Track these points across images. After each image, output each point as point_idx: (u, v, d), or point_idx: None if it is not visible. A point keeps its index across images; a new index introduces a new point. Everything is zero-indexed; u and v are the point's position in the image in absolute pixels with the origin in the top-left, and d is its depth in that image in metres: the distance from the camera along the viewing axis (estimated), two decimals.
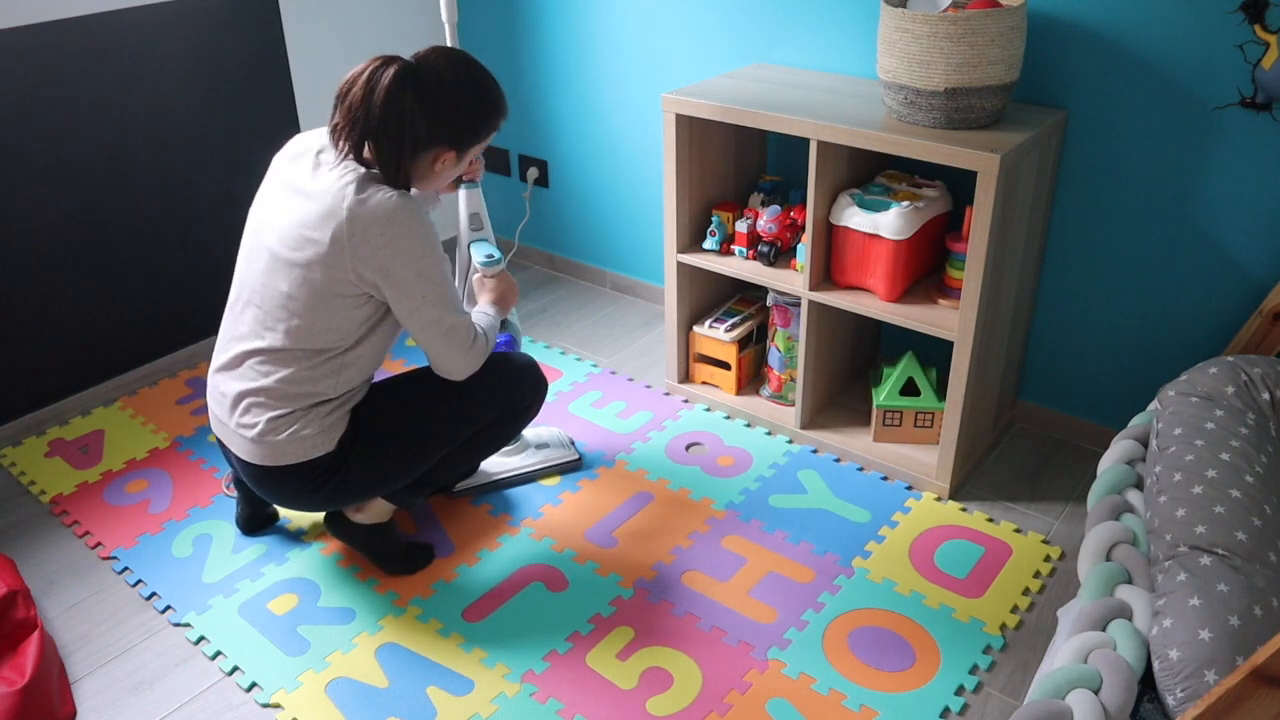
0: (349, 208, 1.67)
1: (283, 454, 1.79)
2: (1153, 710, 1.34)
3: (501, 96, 1.80)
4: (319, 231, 1.69)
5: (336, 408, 1.82)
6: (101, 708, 1.78)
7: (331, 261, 1.69)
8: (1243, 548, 1.42)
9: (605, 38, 2.85)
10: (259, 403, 1.78)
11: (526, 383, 2.01)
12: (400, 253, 1.69)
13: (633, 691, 1.77)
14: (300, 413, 1.78)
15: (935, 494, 2.24)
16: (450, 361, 1.83)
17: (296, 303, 1.73)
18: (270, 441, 1.78)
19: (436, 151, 1.74)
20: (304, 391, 1.77)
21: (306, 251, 1.71)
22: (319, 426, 1.79)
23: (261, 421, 1.78)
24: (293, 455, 1.79)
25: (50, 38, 2.33)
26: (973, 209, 1.94)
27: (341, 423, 1.83)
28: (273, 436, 1.78)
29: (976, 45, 1.90)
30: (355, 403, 1.86)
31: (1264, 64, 1.88)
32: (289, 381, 1.77)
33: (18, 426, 2.53)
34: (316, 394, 1.78)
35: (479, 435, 1.99)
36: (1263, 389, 1.73)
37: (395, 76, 1.66)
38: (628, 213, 3.06)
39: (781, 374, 2.48)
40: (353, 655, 1.86)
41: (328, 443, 1.81)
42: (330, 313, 1.74)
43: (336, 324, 1.75)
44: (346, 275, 1.70)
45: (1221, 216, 2.04)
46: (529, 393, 2.02)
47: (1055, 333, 2.36)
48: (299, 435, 1.78)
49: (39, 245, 2.45)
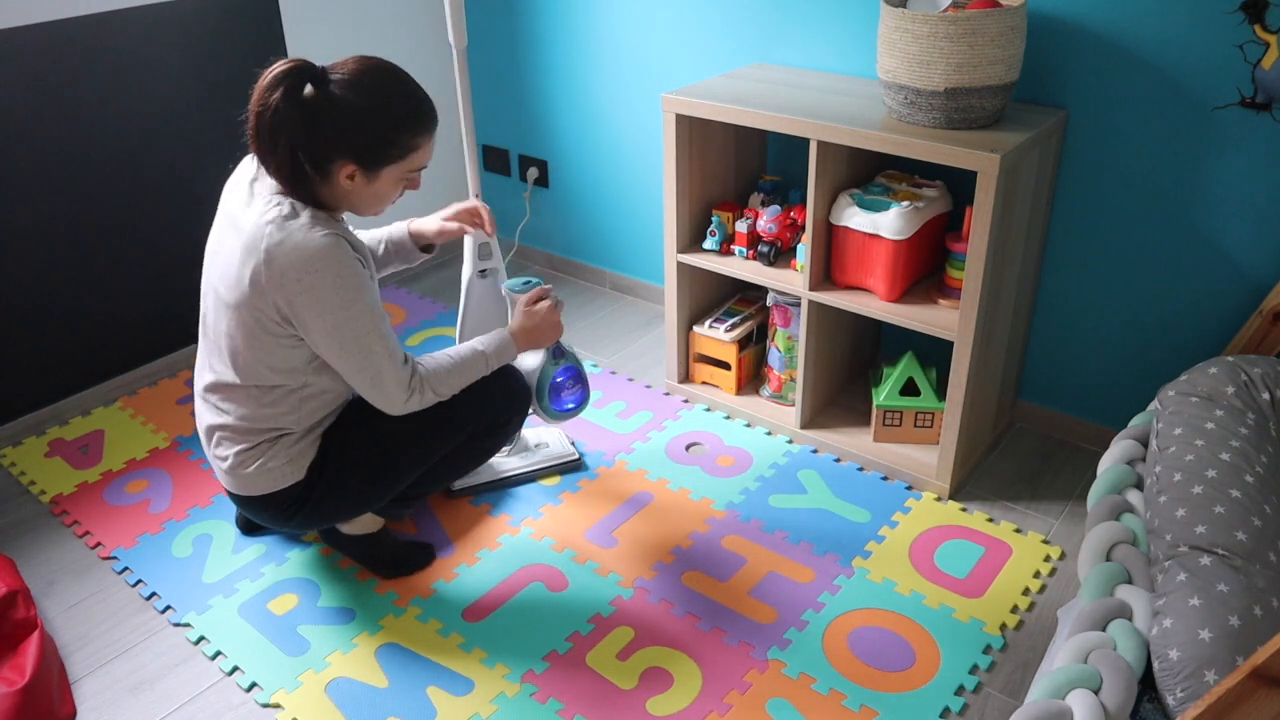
0: (266, 249, 1.60)
1: (253, 485, 1.79)
2: (1153, 710, 1.34)
3: (416, 110, 1.66)
4: (242, 270, 1.63)
5: (302, 437, 1.79)
6: (101, 708, 1.78)
7: (256, 303, 1.64)
8: (1243, 548, 1.42)
9: (605, 38, 2.85)
10: (226, 436, 1.78)
11: (505, 400, 1.95)
12: (316, 302, 1.62)
13: (633, 691, 1.77)
14: (266, 445, 1.77)
15: (935, 494, 2.24)
16: (383, 404, 1.75)
17: (236, 342, 1.70)
18: (240, 474, 1.78)
19: (339, 165, 1.63)
20: (266, 427, 1.75)
21: (235, 293, 1.66)
22: (285, 458, 1.78)
23: (231, 455, 1.78)
24: (263, 486, 1.79)
25: (50, 38, 2.33)
26: (973, 209, 1.94)
27: (311, 449, 1.80)
28: (241, 470, 1.78)
29: (976, 45, 1.90)
30: (326, 428, 1.82)
31: (1264, 64, 1.88)
32: (248, 419, 1.75)
33: (18, 426, 2.53)
34: (280, 428, 1.76)
35: (458, 451, 1.94)
36: (1263, 389, 1.73)
37: (284, 90, 1.56)
38: (628, 213, 3.06)
39: (781, 374, 2.48)
40: (353, 655, 1.86)
41: (296, 472, 1.79)
42: (268, 352, 1.69)
43: (279, 364, 1.70)
44: (271, 315, 1.65)
45: (1221, 216, 2.04)
46: (506, 409, 1.96)
47: (1055, 333, 2.36)
48: (266, 468, 1.77)
49: (39, 245, 2.45)
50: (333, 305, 1.63)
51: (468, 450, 1.96)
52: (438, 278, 3.31)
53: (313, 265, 1.60)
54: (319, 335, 1.66)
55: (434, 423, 1.85)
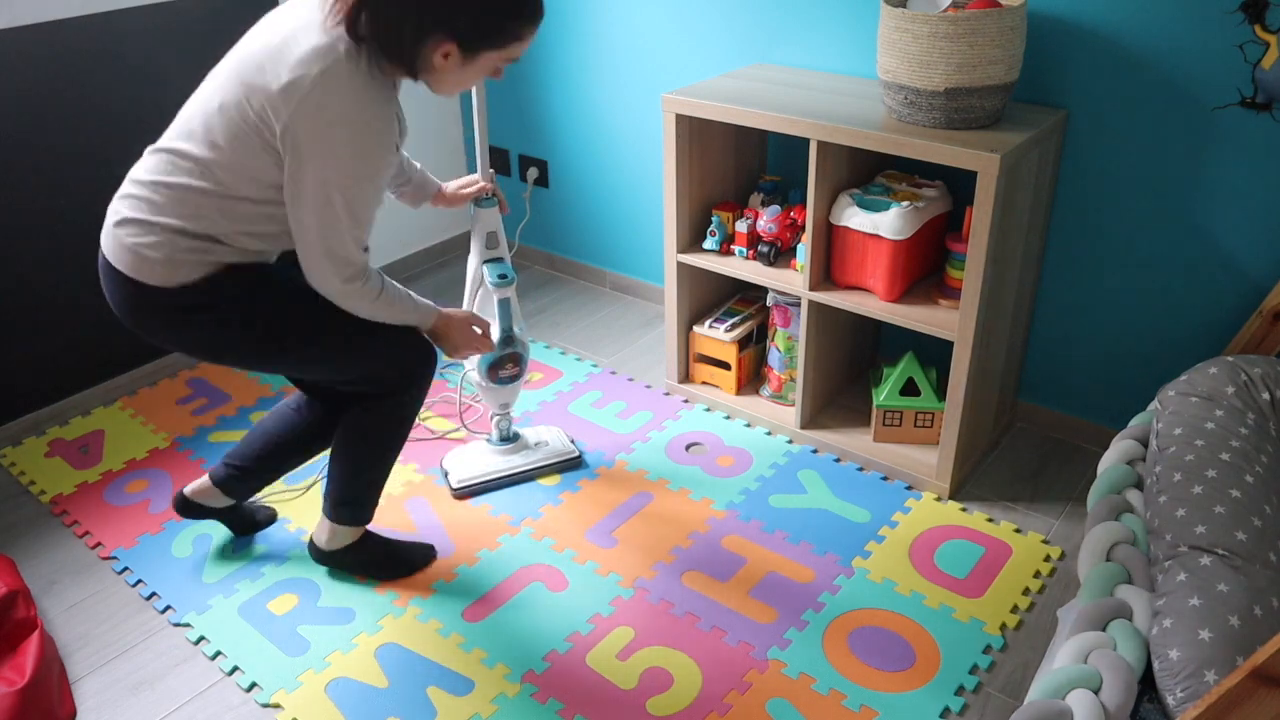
0: (314, 78, 1.50)
1: (120, 257, 1.64)
2: (1153, 710, 1.34)
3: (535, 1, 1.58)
4: (282, 72, 1.52)
5: (197, 250, 1.63)
6: (101, 708, 1.78)
7: (273, 104, 1.52)
8: (1243, 548, 1.42)
9: (605, 38, 2.85)
10: (141, 197, 1.63)
11: (414, 358, 1.83)
12: (325, 154, 1.52)
13: (633, 691, 1.77)
14: (170, 233, 1.61)
15: (935, 494, 2.24)
16: (319, 275, 1.63)
17: (224, 123, 1.57)
18: (117, 235, 1.64)
19: (437, 41, 1.53)
20: (185, 213, 1.61)
21: (262, 78, 1.53)
22: (175, 251, 1.62)
23: (124, 212, 1.64)
24: (126, 264, 1.64)
25: (50, 38, 2.33)
26: (973, 209, 1.94)
27: (200, 268, 1.63)
28: (124, 231, 1.63)
29: (976, 45, 1.90)
30: (222, 263, 1.66)
31: (1264, 64, 1.88)
32: (178, 197, 1.60)
33: (18, 426, 2.53)
34: (190, 229, 1.61)
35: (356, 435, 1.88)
36: (1263, 389, 1.73)
37: None
38: (628, 213, 3.06)
39: (781, 374, 2.48)
40: (353, 655, 1.86)
41: (170, 273, 1.63)
42: (250, 153, 1.57)
43: (253, 171, 1.58)
44: (273, 127, 1.54)
45: (1221, 217, 2.04)
46: (412, 364, 1.83)
47: (1055, 333, 2.36)
48: (140, 246, 1.62)
49: (39, 245, 2.45)
50: (339, 169, 1.54)
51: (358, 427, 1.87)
52: (438, 278, 3.31)
53: (349, 121, 1.52)
54: (307, 180, 1.55)
55: (342, 331, 1.75)
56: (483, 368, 2.18)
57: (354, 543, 2.01)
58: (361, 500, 1.96)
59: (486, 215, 2.13)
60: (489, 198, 2.13)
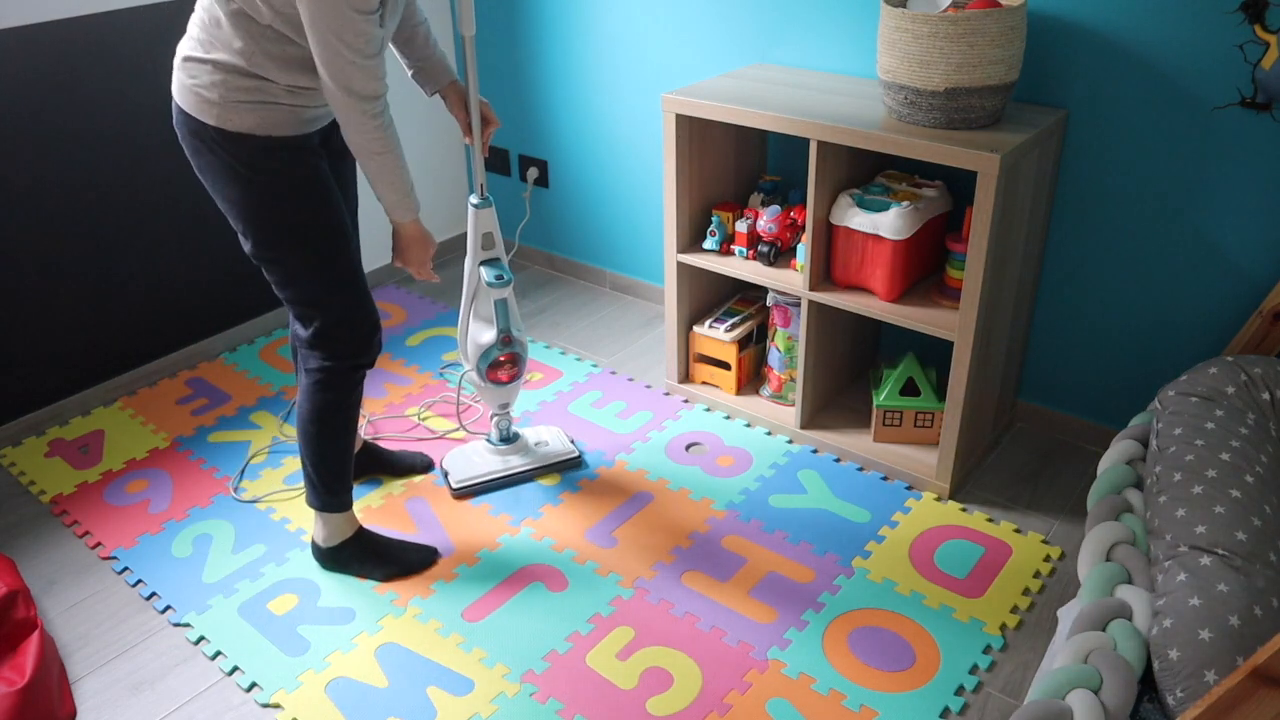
0: None
1: (183, 96, 1.74)
2: (1153, 710, 1.34)
3: None
4: None
5: (250, 90, 1.71)
6: (101, 708, 1.78)
7: None
8: (1243, 548, 1.42)
9: (605, 38, 2.85)
10: (196, 36, 1.72)
11: (365, 330, 1.90)
12: None
13: (633, 691, 1.77)
14: (214, 66, 1.70)
15: (935, 494, 2.24)
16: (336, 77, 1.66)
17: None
18: (179, 76, 1.74)
19: None
20: (235, 49, 1.68)
21: None
22: (221, 94, 1.70)
23: (184, 50, 1.73)
24: (190, 104, 1.73)
25: (50, 38, 2.33)
26: (973, 209, 1.94)
27: (246, 112, 1.72)
28: (184, 73, 1.73)
29: (976, 45, 1.90)
30: (273, 120, 1.75)
31: (1264, 64, 1.88)
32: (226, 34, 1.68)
33: (18, 426, 2.53)
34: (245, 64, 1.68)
35: (300, 418, 1.91)
36: (1263, 389, 1.73)
37: None
38: (628, 213, 3.06)
39: (781, 374, 2.48)
40: (353, 655, 1.86)
41: (221, 117, 1.72)
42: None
43: (277, 4, 1.63)
44: None
45: (1221, 216, 2.04)
46: (360, 336, 1.89)
47: (1055, 333, 2.36)
48: (198, 86, 1.71)
49: (39, 245, 2.45)
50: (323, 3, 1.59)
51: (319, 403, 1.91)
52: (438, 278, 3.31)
53: None
54: (305, 16, 1.61)
55: (335, 260, 1.83)
56: (482, 368, 2.18)
57: (352, 539, 2.02)
58: (313, 482, 1.96)
59: (483, 216, 2.12)
60: (485, 199, 2.11)
